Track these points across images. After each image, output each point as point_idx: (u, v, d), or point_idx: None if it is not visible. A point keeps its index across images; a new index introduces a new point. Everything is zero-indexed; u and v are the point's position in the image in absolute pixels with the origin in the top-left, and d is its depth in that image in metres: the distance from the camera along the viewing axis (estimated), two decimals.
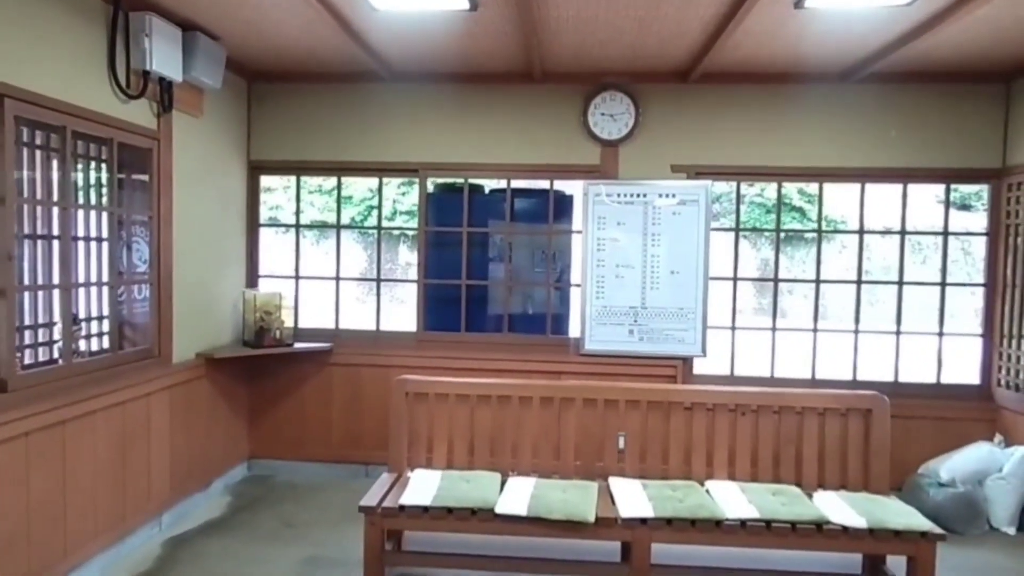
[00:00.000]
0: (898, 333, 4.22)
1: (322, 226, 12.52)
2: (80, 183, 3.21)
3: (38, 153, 2.97)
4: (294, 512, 3.84)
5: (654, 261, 4.22)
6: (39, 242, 3.00)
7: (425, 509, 2.79)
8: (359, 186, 13.74)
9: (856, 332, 4.25)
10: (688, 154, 4.22)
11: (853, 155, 4.16)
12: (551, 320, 4.43)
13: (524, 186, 4.59)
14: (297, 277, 4.62)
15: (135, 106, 3.26)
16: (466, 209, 4.39)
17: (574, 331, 4.51)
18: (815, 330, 4.28)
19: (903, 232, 4.27)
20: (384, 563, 2.87)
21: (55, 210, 3.04)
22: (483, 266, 4.64)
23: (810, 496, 3.03)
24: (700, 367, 4.31)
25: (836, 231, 6.29)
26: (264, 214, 4.71)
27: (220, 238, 4.16)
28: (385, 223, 13.79)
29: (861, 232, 4.31)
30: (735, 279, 4.30)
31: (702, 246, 4.18)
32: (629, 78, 4.19)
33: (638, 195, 4.21)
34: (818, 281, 4.31)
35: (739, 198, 4.33)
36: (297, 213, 4.65)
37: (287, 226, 4.97)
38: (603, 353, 4.26)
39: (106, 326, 3.33)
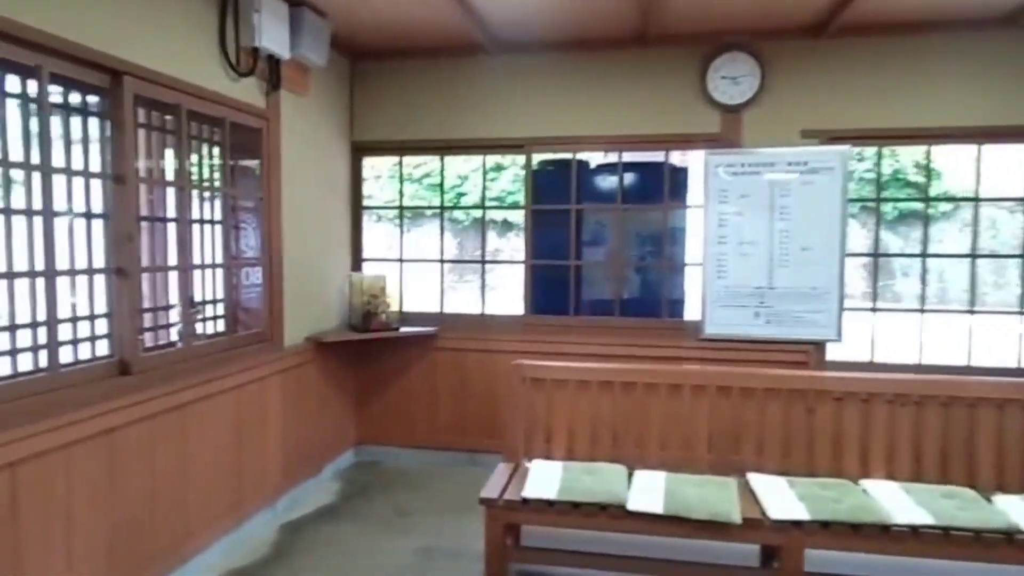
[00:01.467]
0: None
1: (426, 208, 12.36)
2: (194, 164, 3.19)
3: (153, 135, 2.95)
4: (405, 500, 3.75)
5: (782, 237, 3.83)
6: (155, 224, 2.99)
7: (550, 503, 2.59)
8: (447, 172, 13.74)
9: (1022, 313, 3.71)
10: (821, 118, 3.79)
11: (1018, 111, 3.62)
12: (666, 303, 4.13)
13: (634, 159, 4.28)
14: (401, 260, 4.52)
15: (245, 84, 3.21)
16: (574, 185, 4.15)
17: (691, 314, 4.19)
18: (971, 311, 3.76)
19: None
20: (506, 558, 2.69)
21: (168, 194, 3.02)
22: (591, 246, 4.39)
23: (989, 500, 2.62)
24: (833, 353, 3.90)
25: (1001, 199, 5.51)
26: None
27: (325, 221, 4.11)
28: (478, 210, 13.81)
29: None
30: (876, 255, 3.85)
31: (837, 219, 3.75)
32: (754, 36, 3.81)
33: (764, 164, 3.83)
34: (974, 256, 3.78)
35: (880, 164, 3.86)
36: (400, 193, 4.55)
37: (390, 208, 4.90)
38: (725, 337, 3.93)
39: (220, 309, 3.32)
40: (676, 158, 4.22)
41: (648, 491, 2.63)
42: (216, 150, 3.25)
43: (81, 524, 2.29)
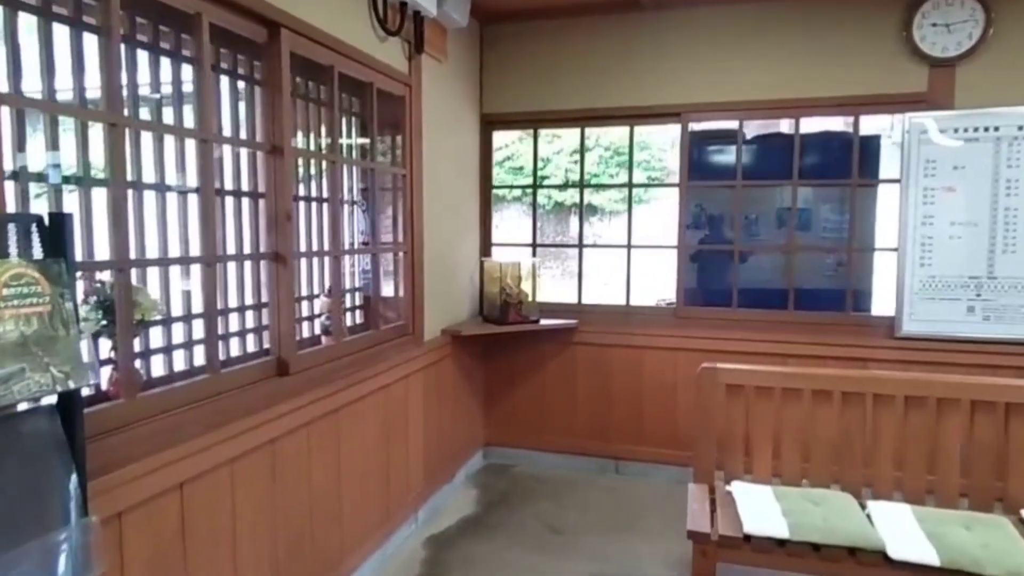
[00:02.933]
0: None
1: (564, 186, 11.68)
2: (343, 137, 2.85)
3: (298, 104, 2.62)
4: (553, 513, 3.35)
5: (1009, 216, 3.19)
6: (301, 204, 2.66)
7: (781, 543, 2.12)
8: (531, 155, 13.21)
9: None
10: None
11: None
12: (851, 295, 3.55)
13: (810, 129, 3.70)
14: (535, 245, 4.10)
15: (390, 46, 2.84)
16: (740, 158, 3.61)
17: (882, 308, 3.59)
18: None
19: None
20: None
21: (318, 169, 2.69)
22: (757, 229, 3.85)
23: None
24: None
25: None
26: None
27: (458, 202, 3.73)
28: (555, 194, 13.32)
29: None
30: None
31: None
32: None
33: (986, 128, 3.19)
34: None
35: None
36: (535, 172, 4.11)
37: (523, 187, 4.47)
38: (929, 337, 3.32)
39: (359, 300, 2.99)
40: (865, 125, 3.58)
41: (903, 531, 2.12)
42: (356, 121, 2.91)
43: (245, 544, 1.98)
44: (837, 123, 3.72)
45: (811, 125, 3.71)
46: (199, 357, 2.04)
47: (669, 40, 3.63)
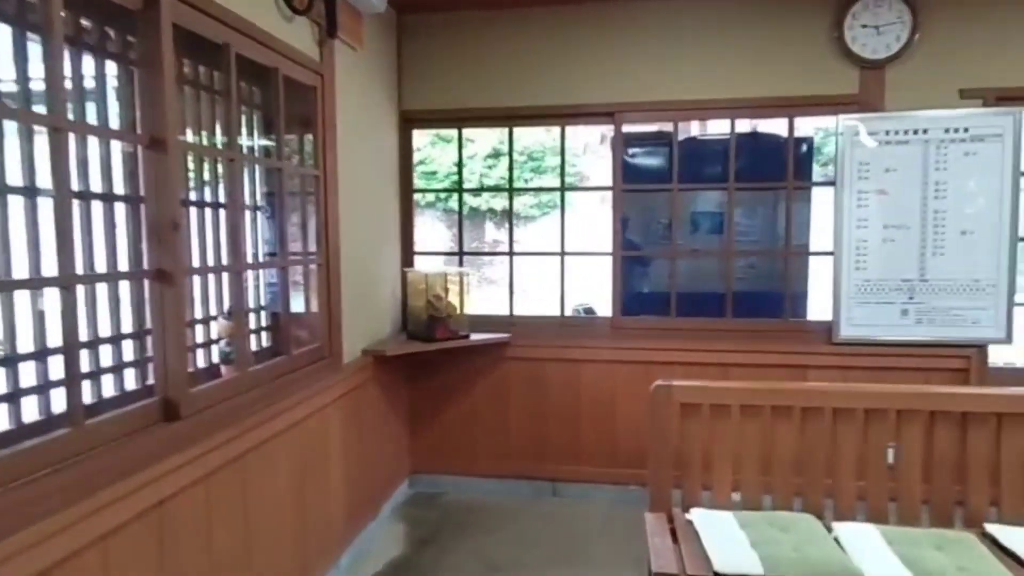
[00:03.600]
0: None
1: (494, 189, 11.13)
2: (243, 131, 2.45)
3: (186, 89, 2.20)
4: (491, 547, 3.06)
5: (938, 219, 3.20)
6: (193, 211, 2.24)
7: None
8: (444, 159, 12.83)
9: None
10: (986, 74, 3.16)
11: None
12: (789, 300, 3.47)
13: (748, 130, 3.62)
14: (462, 253, 3.81)
15: (298, 27, 2.47)
16: (676, 161, 3.46)
17: (818, 312, 3.54)
18: None
19: None
20: None
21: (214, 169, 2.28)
22: (692, 234, 3.73)
23: None
24: (995, 358, 3.29)
25: None
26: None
27: (378, 207, 3.38)
28: (470, 199, 13.04)
29: None
30: None
31: (1008, 196, 3.13)
32: None
33: (915, 131, 3.19)
34: None
35: None
36: (460, 174, 3.81)
37: (448, 191, 4.17)
38: (866, 341, 3.29)
39: (264, 320, 2.59)
40: (797, 127, 3.53)
41: (877, 557, 1.97)
42: (260, 116, 2.51)
43: None
44: (767, 125, 3.66)
45: (735, 128, 3.62)
46: (60, 403, 1.61)
47: (603, 35, 3.44)
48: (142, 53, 1.76)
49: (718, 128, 3.43)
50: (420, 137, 3.90)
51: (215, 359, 2.31)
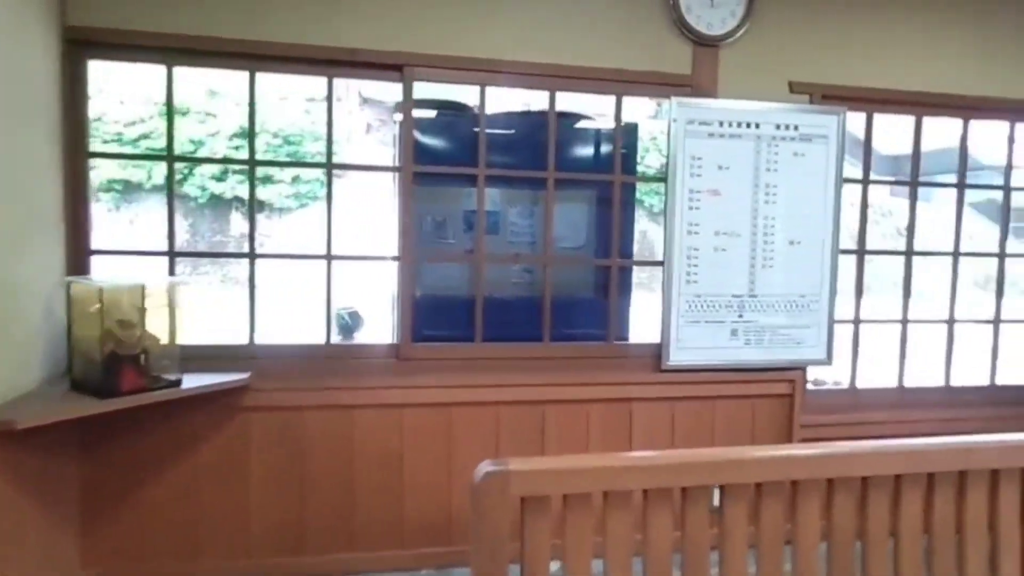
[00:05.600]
0: None
1: (223, 162, 8.72)
2: None
3: None
4: None
5: (768, 226, 2.83)
6: None
7: None
8: (198, 129, 10.60)
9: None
10: (816, 68, 2.85)
11: None
12: (613, 320, 2.86)
13: (562, 109, 2.92)
14: (172, 254, 2.55)
15: None
16: (483, 139, 2.65)
17: (644, 333, 3.00)
18: (950, 321, 3.17)
19: None
20: None
21: None
22: (445, 233, 2.94)
23: None
24: (816, 376, 3.04)
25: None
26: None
27: (13, 177, 2.02)
28: (213, 184, 11.10)
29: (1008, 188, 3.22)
30: (861, 251, 3.05)
31: (831, 204, 2.87)
32: None
33: (748, 124, 2.78)
34: (956, 254, 3.17)
35: (870, 134, 3.05)
36: (170, 136, 2.54)
37: (149, 157, 2.82)
38: (696, 367, 2.81)
39: None
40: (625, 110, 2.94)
41: None
42: None
43: None
44: (575, 104, 3.04)
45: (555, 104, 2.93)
46: None
47: None
48: None
49: (552, 101, 2.69)
50: (115, 74, 2.54)
51: None
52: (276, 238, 10.61)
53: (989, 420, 3.02)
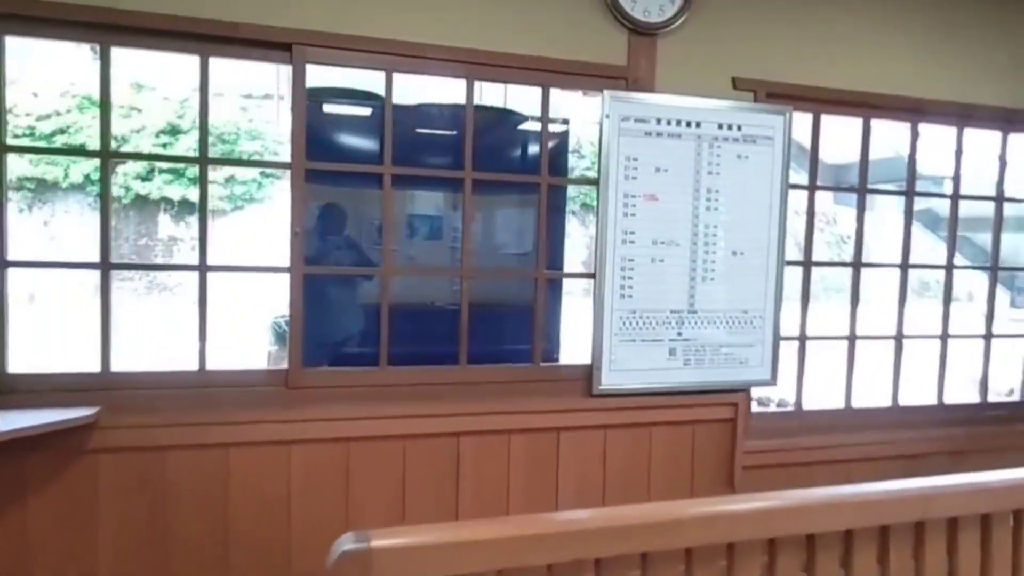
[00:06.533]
0: None
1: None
2: None
3: None
4: None
5: (709, 235, 2.56)
6: None
7: None
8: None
9: (942, 338, 3.06)
10: (761, 64, 2.60)
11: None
12: (540, 339, 2.54)
13: (486, 103, 2.60)
14: (107, 266, 2.10)
15: None
16: (389, 131, 2.29)
17: (574, 354, 2.68)
18: (899, 337, 2.98)
19: None
20: None
21: None
22: (381, 241, 2.58)
23: None
24: (761, 395, 2.79)
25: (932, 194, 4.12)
26: None
27: None
28: (137, 184, 10.42)
29: (956, 196, 3.04)
30: (808, 263, 2.82)
31: (776, 212, 2.63)
32: None
33: (688, 123, 2.51)
34: (905, 266, 2.98)
35: (817, 136, 2.83)
36: (104, 123, 2.11)
37: (81, 153, 2.53)
38: (631, 391, 2.52)
39: None
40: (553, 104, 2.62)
41: None
42: None
43: None
44: (495, 97, 2.72)
45: (473, 96, 2.59)
46: None
47: None
48: None
49: (470, 91, 2.35)
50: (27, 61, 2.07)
51: None
52: (194, 243, 10.03)
53: (938, 441, 2.86)
